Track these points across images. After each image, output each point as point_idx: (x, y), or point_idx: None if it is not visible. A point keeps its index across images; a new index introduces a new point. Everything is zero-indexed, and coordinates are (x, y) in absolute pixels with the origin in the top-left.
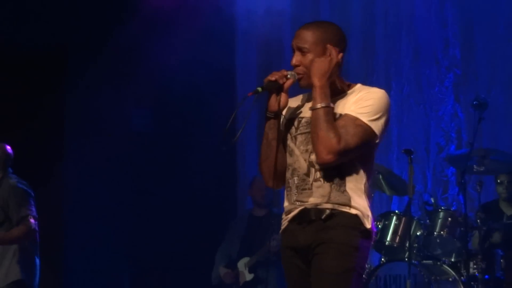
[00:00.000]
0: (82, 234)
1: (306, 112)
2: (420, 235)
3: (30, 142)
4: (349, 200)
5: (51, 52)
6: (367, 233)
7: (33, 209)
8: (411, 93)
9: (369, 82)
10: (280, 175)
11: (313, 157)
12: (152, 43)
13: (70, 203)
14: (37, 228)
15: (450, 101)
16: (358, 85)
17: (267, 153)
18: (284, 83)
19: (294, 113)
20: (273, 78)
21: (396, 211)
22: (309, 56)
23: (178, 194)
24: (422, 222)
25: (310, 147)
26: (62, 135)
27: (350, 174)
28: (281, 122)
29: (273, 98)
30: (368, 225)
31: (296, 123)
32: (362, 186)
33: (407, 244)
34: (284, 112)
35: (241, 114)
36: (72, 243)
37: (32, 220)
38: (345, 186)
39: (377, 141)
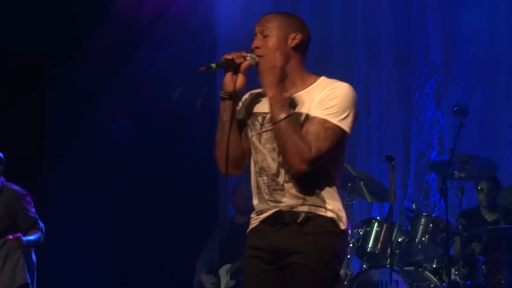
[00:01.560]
0: (63, 243)
1: (266, 107)
2: (401, 241)
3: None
4: (324, 202)
5: (31, 60)
6: (343, 234)
7: (36, 213)
8: (391, 99)
9: None
10: (235, 161)
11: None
12: (133, 50)
13: (52, 211)
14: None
15: (431, 107)
16: (322, 78)
17: (221, 137)
18: (241, 63)
19: (259, 107)
20: (230, 57)
21: (378, 218)
22: (270, 39)
23: (159, 201)
24: (403, 228)
25: (275, 145)
26: (44, 143)
27: (321, 174)
28: (242, 113)
29: (228, 77)
30: (343, 226)
31: (260, 119)
32: (334, 186)
33: (388, 251)
34: (244, 102)
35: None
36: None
37: (41, 223)
38: (318, 187)
39: (347, 138)
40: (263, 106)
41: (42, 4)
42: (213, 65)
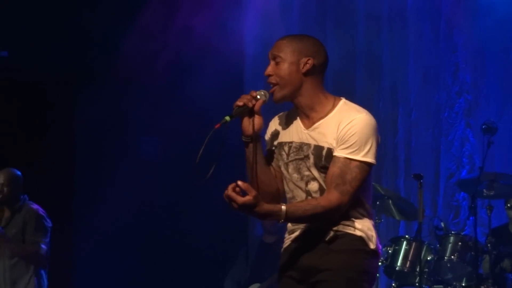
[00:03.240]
0: (91, 258)
1: (294, 136)
2: (430, 259)
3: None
4: (353, 221)
5: (59, 80)
6: (373, 253)
7: (47, 239)
8: (419, 118)
9: (375, 107)
10: (271, 197)
11: (310, 186)
12: (161, 70)
13: (81, 233)
14: (45, 256)
15: (460, 126)
16: (341, 104)
17: (251, 177)
18: (254, 105)
19: (284, 136)
20: (241, 103)
21: (407, 236)
22: (283, 65)
23: (187, 220)
24: (432, 247)
25: (305, 174)
26: (73, 163)
27: None
28: (270, 143)
29: (246, 122)
30: (372, 245)
31: (286, 148)
32: (364, 205)
33: (417, 269)
34: (271, 132)
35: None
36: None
37: (43, 246)
38: (347, 209)
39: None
40: (288, 135)
41: (69, 26)
42: (227, 118)
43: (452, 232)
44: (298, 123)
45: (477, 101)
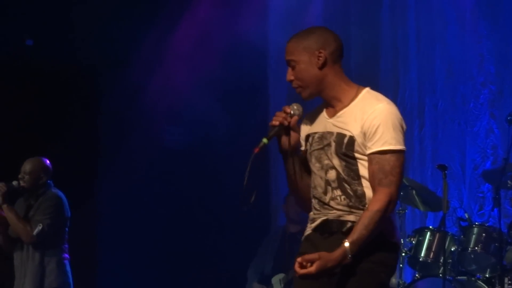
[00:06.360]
0: (116, 249)
1: (318, 126)
2: (454, 250)
3: (64, 159)
4: None
5: (84, 68)
6: (391, 245)
7: (52, 221)
8: (445, 109)
9: (400, 98)
10: (310, 203)
11: (328, 175)
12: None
13: (103, 219)
14: (38, 236)
15: (485, 117)
16: (365, 92)
17: (292, 187)
18: (289, 122)
19: (311, 128)
20: (277, 123)
21: (430, 227)
22: (299, 67)
23: (210, 210)
24: (456, 237)
25: (324, 163)
26: (97, 151)
27: (368, 187)
28: (302, 144)
29: (283, 140)
30: (391, 238)
31: (311, 140)
32: None
33: (441, 260)
34: (302, 133)
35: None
36: (105, 263)
37: (40, 226)
38: (365, 200)
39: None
40: (314, 127)
41: (93, 13)
42: (265, 140)
43: (476, 223)
44: (323, 114)
45: (502, 92)
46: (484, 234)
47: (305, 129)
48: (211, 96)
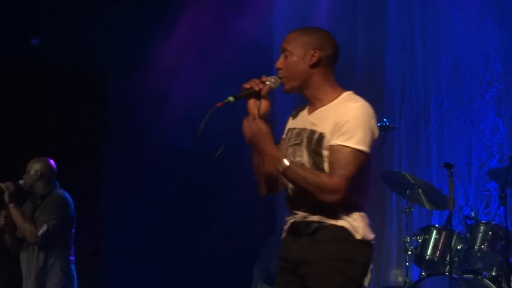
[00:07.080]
0: (121, 250)
1: (298, 122)
2: (460, 249)
3: (71, 159)
4: (336, 212)
5: (91, 69)
6: (359, 243)
7: (57, 221)
8: (451, 107)
9: (407, 97)
10: (271, 184)
11: None
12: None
13: (110, 219)
14: (42, 237)
15: (491, 115)
16: (344, 95)
17: (255, 162)
18: (260, 89)
19: (291, 124)
20: (248, 85)
21: (436, 225)
22: (291, 58)
23: (216, 208)
24: (462, 236)
25: (297, 159)
26: (104, 151)
27: None
28: (283, 135)
29: (251, 104)
30: (358, 236)
31: (289, 134)
32: (351, 197)
33: (447, 258)
34: (286, 125)
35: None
36: (111, 264)
37: (45, 227)
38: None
39: (369, 156)
40: (294, 122)
41: (101, 14)
42: (231, 98)
43: (483, 221)
44: (304, 111)
45: (508, 90)
46: (490, 232)
47: (288, 124)
48: (216, 95)
